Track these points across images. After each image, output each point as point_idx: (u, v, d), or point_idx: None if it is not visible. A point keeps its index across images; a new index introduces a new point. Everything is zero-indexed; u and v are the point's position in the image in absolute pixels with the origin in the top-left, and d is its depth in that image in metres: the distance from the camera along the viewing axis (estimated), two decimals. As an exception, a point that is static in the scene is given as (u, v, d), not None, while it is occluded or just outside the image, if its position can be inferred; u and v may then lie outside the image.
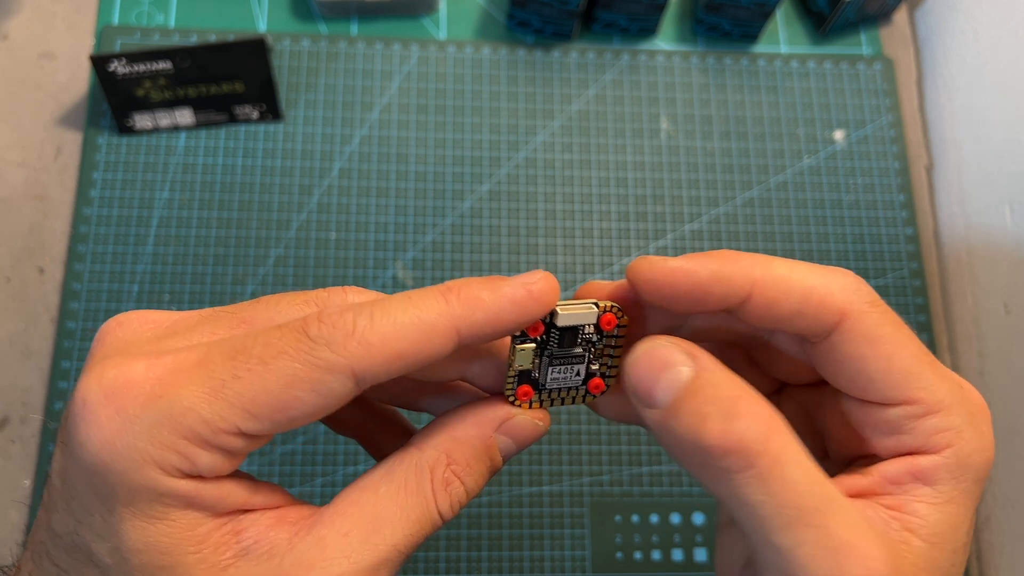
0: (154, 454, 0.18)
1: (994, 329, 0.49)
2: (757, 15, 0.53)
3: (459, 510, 0.21)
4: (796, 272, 0.20)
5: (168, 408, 0.18)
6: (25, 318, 0.48)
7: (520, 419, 0.22)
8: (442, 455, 0.21)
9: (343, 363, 0.18)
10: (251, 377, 0.18)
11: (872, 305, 0.20)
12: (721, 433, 0.18)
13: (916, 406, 0.20)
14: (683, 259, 0.20)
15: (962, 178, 0.53)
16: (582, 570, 0.46)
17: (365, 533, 0.19)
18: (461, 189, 0.51)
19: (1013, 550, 0.47)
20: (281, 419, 0.18)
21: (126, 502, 0.18)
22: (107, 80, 0.48)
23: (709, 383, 0.19)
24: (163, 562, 0.18)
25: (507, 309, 0.19)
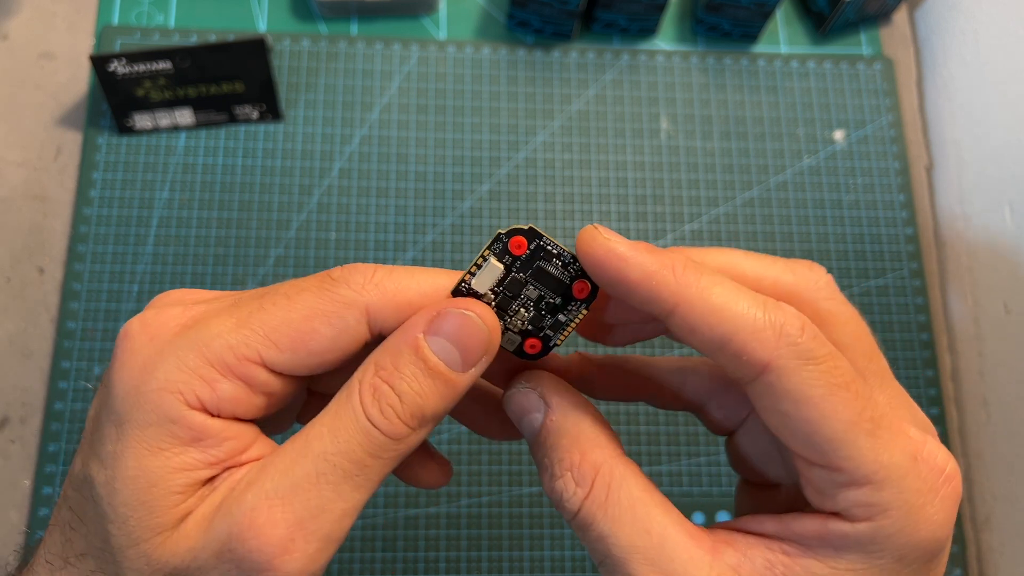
0: (179, 377, 0.19)
1: (994, 329, 0.49)
2: (757, 15, 0.53)
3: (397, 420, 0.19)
4: (731, 306, 0.18)
5: (196, 335, 0.19)
6: (25, 318, 0.48)
7: (446, 311, 0.20)
8: (369, 365, 0.20)
9: (359, 300, 0.20)
10: (275, 309, 0.20)
11: (806, 361, 0.18)
12: (549, 490, 0.20)
13: (839, 474, 0.18)
14: (627, 246, 0.19)
15: (962, 178, 0.53)
16: (582, 570, 0.46)
17: (296, 450, 0.19)
18: (461, 189, 0.51)
19: (1013, 550, 0.47)
20: (301, 350, 0.19)
21: (138, 425, 0.19)
22: (107, 80, 0.48)
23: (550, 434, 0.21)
24: (145, 496, 0.18)
25: None
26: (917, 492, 0.18)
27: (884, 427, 0.18)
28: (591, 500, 0.20)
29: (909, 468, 0.18)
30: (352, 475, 0.19)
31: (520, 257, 0.21)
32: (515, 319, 0.22)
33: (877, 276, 0.52)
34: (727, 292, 0.19)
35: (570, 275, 0.22)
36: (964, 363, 0.51)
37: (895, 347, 0.51)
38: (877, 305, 0.51)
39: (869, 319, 0.51)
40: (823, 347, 0.18)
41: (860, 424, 0.18)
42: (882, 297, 0.51)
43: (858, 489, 0.18)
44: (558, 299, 0.22)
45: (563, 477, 0.20)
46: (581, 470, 0.20)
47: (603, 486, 0.20)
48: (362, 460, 0.19)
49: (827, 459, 0.18)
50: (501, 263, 0.21)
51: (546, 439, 0.21)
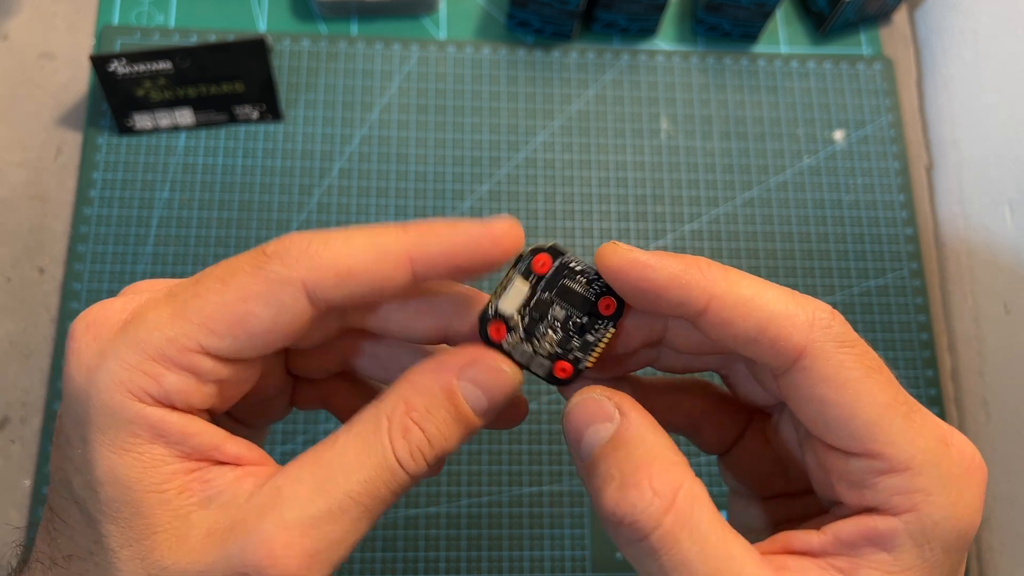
0: (123, 376, 0.18)
1: (994, 329, 0.49)
2: (757, 15, 0.53)
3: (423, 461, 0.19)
4: (762, 296, 0.19)
5: (136, 331, 0.19)
6: (25, 318, 0.48)
7: (482, 363, 0.20)
8: (400, 402, 0.20)
9: (293, 276, 0.19)
10: (209, 295, 0.19)
11: (841, 344, 0.18)
12: (616, 501, 0.18)
13: (878, 461, 0.18)
14: (649, 255, 0.19)
15: (962, 178, 0.53)
16: (582, 570, 0.46)
17: (319, 480, 0.19)
18: (461, 189, 0.51)
19: (1013, 550, 0.47)
20: (240, 334, 0.19)
21: (98, 429, 0.18)
22: (107, 80, 0.48)
23: (625, 443, 0.19)
24: (126, 497, 0.18)
25: (463, 242, 0.19)
26: (954, 477, 0.18)
27: (916, 411, 0.18)
28: (674, 516, 0.17)
29: (944, 453, 0.18)
30: (370, 510, 0.19)
31: (544, 276, 0.21)
32: (544, 342, 0.21)
33: (877, 276, 0.52)
34: (755, 284, 0.19)
35: (595, 292, 0.21)
36: (964, 363, 0.51)
37: (895, 347, 0.51)
38: (877, 305, 0.51)
39: (869, 319, 0.51)
40: (852, 333, 0.19)
41: (896, 407, 0.18)
42: (882, 297, 0.51)
43: (898, 475, 0.18)
44: (585, 318, 0.21)
45: (639, 486, 0.18)
46: (662, 481, 0.18)
47: (687, 502, 0.18)
48: (383, 497, 0.19)
49: (866, 444, 0.18)
50: (527, 283, 0.21)
51: (618, 448, 0.19)
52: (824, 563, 0.18)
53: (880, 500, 0.18)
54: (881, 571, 0.18)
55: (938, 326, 0.52)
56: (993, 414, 0.49)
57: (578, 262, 0.21)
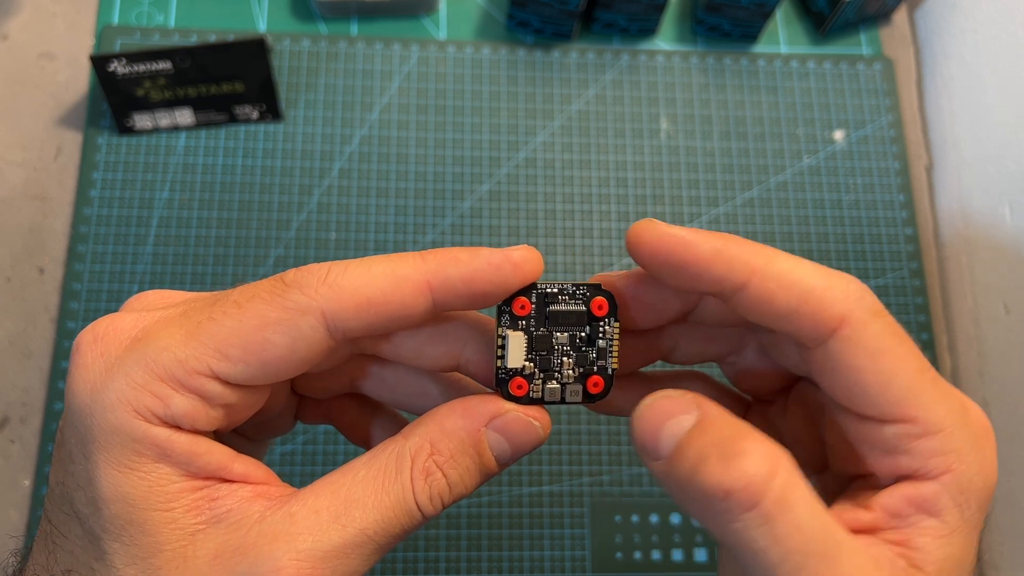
0: (129, 395, 0.18)
1: (994, 329, 0.49)
2: (757, 15, 0.53)
3: (441, 506, 0.20)
4: (799, 269, 0.19)
5: (145, 349, 0.18)
6: (25, 318, 0.48)
7: (513, 415, 0.20)
8: (426, 443, 0.20)
9: (313, 305, 0.18)
10: (224, 319, 0.18)
11: (875, 315, 0.19)
12: (721, 473, 0.17)
13: (914, 425, 0.19)
14: (687, 230, 0.19)
15: (962, 178, 0.53)
16: (582, 570, 0.46)
17: (335, 513, 0.18)
18: (461, 189, 0.51)
19: (1013, 550, 0.47)
20: (254, 361, 0.18)
21: (102, 447, 0.18)
22: (107, 80, 0.48)
23: (711, 426, 0.18)
24: (132, 516, 0.18)
25: (482, 269, 0.19)
26: (977, 438, 0.19)
27: (939, 377, 0.19)
28: (783, 480, 0.17)
29: (966, 416, 0.19)
30: (383, 548, 0.19)
31: (530, 315, 0.21)
32: (564, 371, 0.21)
33: (877, 276, 0.52)
34: (791, 259, 0.19)
35: (582, 300, 0.21)
36: (964, 363, 0.51)
37: (895, 347, 0.51)
38: (877, 305, 0.51)
39: (869, 319, 0.51)
40: (881, 304, 0.19)
41: (926, 373, 0.19)
42: (882, 297, 0.51)
43: (933, 438, 0.18)
44: (586, 328, 0.21)
45: (743, 454, 0.17)
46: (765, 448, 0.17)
47: (789, 468, 0.17)
48: (397, 535, 0.19)
49: (902, 410, 0.19)
50: (519, 331, 0.21)
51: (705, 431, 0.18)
52: (876, 539, 0.19)
53: (917, 464, 0.19)
54: (932, 537, 0.18)
55: (938, 326, 0.52)
56: (993, 414, 0.49)
57: (550, 284, 0.21)
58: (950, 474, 0.18)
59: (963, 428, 0.19)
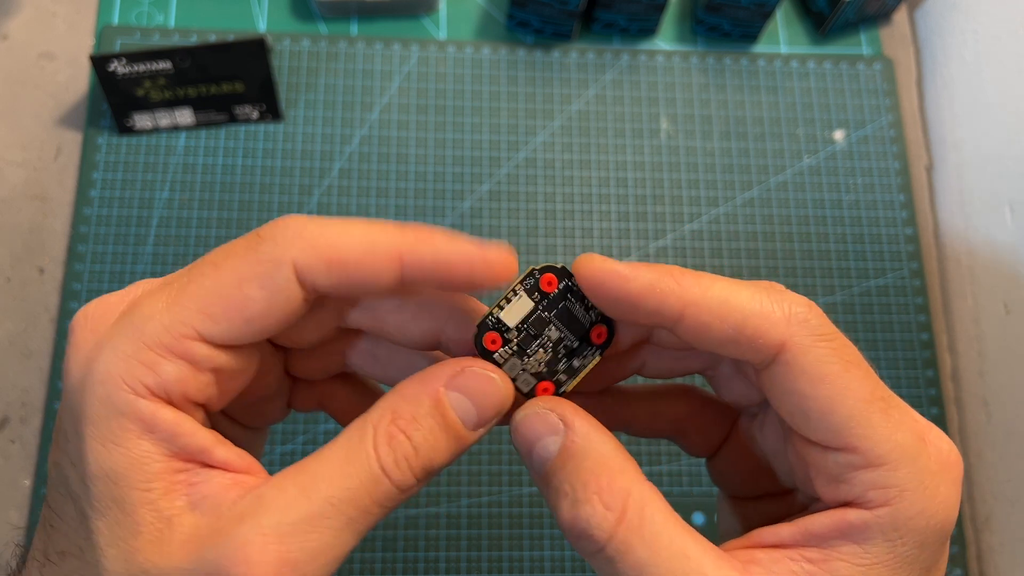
0: (119, 366, 0.18)
1: (994, 329, 0.49)
2: (757, 15, 0.53)
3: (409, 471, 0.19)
4: (735, 296, 0.19)
5: (130, 320, 0.19)
6: (25, 318, 0.48)
7: (470, 371, 0.20)
8: (387, 411, 0.19)
9: (285, 256, 0.19)
10: (203, 279, 0.19)
11: (819, 338, 0.19)
12: (571, 516, 0.18)
13: (855, 455, 0.18)
14: (623, 265, 0.20)
15: (962, 178, 0.53)
16: (582, 570, 0.46)
17: (301, 488, 0.18)
18: (461, 189, 0.51)
19: (1013, 550, 0.47)
20: (236, 318, 0.19)
21: (90, 422, 0.18)
22: (107, 80, 0.48)
23: (572, 457, 0.19)
24: (115, 494, 0.18)
25: (455, 256, 0.19)
26: (930, 473, 0.18)
27: (894, 406, 0.19)
28: (626, 526, 0.18)
29: (920, 449, 0.18)
30: (354, 522, 0.18)
31: (549, 295, 0.21)
32: (532, 360, 0.22)
33: (877, 276, 0.52)
34: (728, 286, 0.19)
35: (591, 319, 0.22)
36: (964, 363, 0.51)
37: (895, 347, 0.51)
38: (877, 305, 0.51)
39: (869, 319, 0.51)
40: (830, 326, 0.19)
41: (874, 402, 0.18)
42: (882, 297, 0.51)
43: (874, 471, 0.18)
44: (576, 342, 0.22)
45: (590, 502, 0.18)
46: (611, 493, 0.18)
47: (636, 510, 0.18)
48: (367, 508, 0.19)
49: (843, 439, 0.18)
50: (531, 300, 0.21)
51: (566, 463, 0.19)
52: (795, 554, 0.19)
53: (856, 494, 0.18)
54: (851, 563, 0.18)
55: (938, 326, 0.52)
56: (993, 414, 0.49)
57: None
58: (886, 508, 0.18)
59: (911, 463, 0.18)
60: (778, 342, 0.19)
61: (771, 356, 0.19)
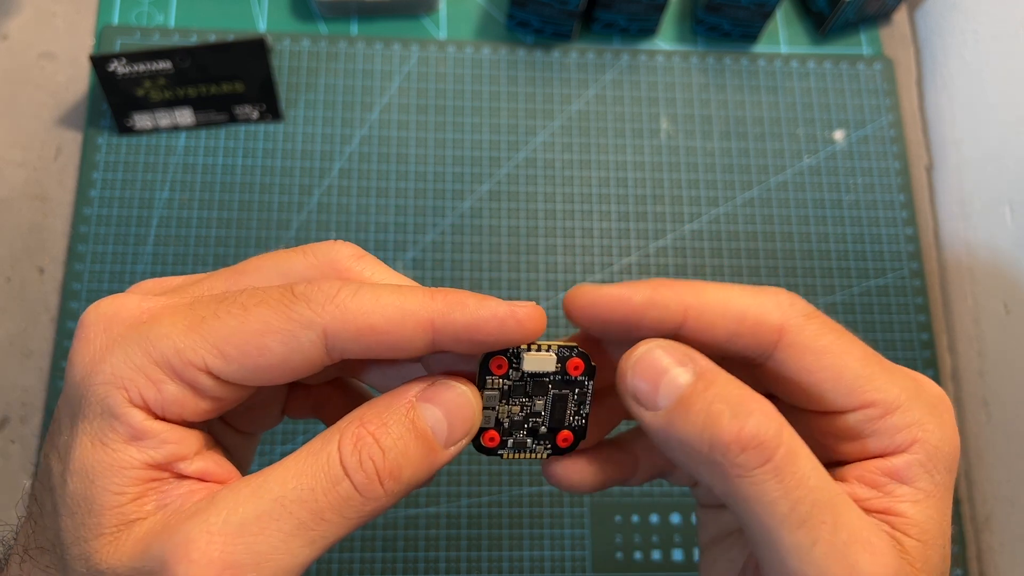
0: (124, 373, 0.18)
1: (994, 329, 0.49)
2: (757, 15, 0.53)
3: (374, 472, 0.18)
4: (729, 296, 0.20)
5: (147, 332, 0.19)
6: (25, 318, 0.48)
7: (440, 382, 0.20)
8: (355, 419, 0.19)
9: (316, 321, 0.19)
10: (228, 318, 0.19)
11: (808, 317, 0.20)
12: (737, 429, 0.18)
13: (873, 408, 0.20)
14: (617, 287, 0.20)
15: (962, 178, 0.53)
16: (582, 570, 0.46)
17: (253, 488, 0.18)
18: (461, 189, 0.51)
19: (1013, 550, 0.47)
20: (248, 364, 0.19)
21: (85, 418, 0.18)
22: (107, 80, 0.48)
23: (714, 383, 0.19)
24: (87, 492, 0.18)
25: (487, 320, 0.19)
26: (934, 407, 0.20)
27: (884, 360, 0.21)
28: (790, 435, 0.18)
29: (919, 388, 0.20)
30: (306, 527, 0.18)
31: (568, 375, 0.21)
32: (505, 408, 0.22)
33: (877, 276, 0.52)
34: (719, 287, 0.21)
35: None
36: (964, 363, 0.51)
37: (895, 347, 0.51)
38: (877, 305, 0.51)
39: (869, 319, 0.51)
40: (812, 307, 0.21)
41: (870, 360, 0.20)
42: (882, 297, 0.51)
43: (893, 416, 0.20)
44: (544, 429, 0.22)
45: (754, 413, 0.18)
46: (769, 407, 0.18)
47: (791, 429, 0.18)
48: (321, 512, 0.18)
49: (858, 397, 0.20)
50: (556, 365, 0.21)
51: (709, 386, 0.19)
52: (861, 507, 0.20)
53: (885, 443, 0.20)
54: (909, 503, 0.19)
55: (938, 326, 0.52)
56: (993, 414, 0.49)
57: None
58: (916, 444, 0.20)
59: (919, 400, 0.20)
60: (778, 325, 0.20)
61: (773, 342, 0.20)
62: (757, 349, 0.20)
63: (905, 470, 0.20)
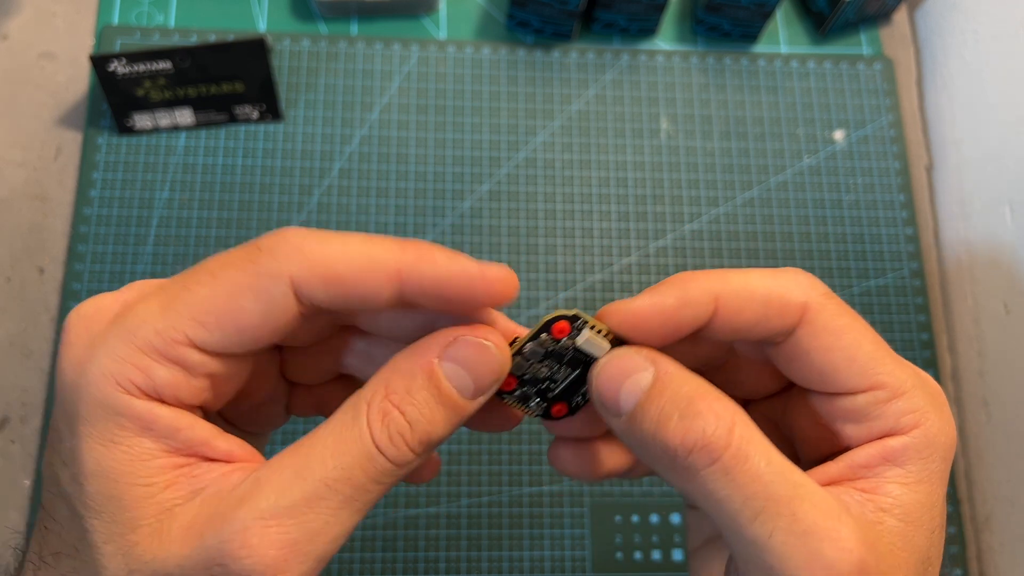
0: (112, 368, 0.18)
1: (994, 329, 0.49)
2: (757, 15, 0.53)
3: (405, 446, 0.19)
4: (752, 279, 0.21)
5: (124, 323, 0.19)
6: (25, 318, 0.48)
7: (462, 339, 0.20)
8: (380, 387, 0.19)
9: (283, 271, 0.19)
10: (198, 288, 0.19)
11: (827, 297, 0.21)
12: (682, 431, 0.18)
13: (882, 391, 0.20)
14: (646, 296, 0.21)
15: (962, 178, 0.53)
16: (582, 570, 0.46)
17: (297, 469, 0.18)
18: (461, 189, 0.51)
19: (1013, 550, 0.47)
20: (229, 328, 0.19)
21: (86, 421, 0.18)
22: (107, 80, 0.48)
23: (669, 385, 0.19)
24: (112, 491, 0.18)
25: (455, 276, 0.19)
26: (935, 398, 0.21)
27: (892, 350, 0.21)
28: (739, 435, 0.18)
29: (921, 379, 0.21)
30: (351, 500, 0.18)
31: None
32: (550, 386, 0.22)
33: (877, 276, 0.52)
34: (739, 273, 0.21)
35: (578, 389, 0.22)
36: (964, 363, 0.51)
37: (895, 347, 0.50)
38: (877, 305, 0.51)
39: (869, 319, 0.51)
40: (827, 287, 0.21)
41: (882, 345, 0.21)
42: (882, 297, 0.51)
43: (900, 400, 0.20)
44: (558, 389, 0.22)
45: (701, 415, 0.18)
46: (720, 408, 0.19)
47: (745, 424, 0.19)
48: (364, 486, 0.18)
49: (869, 379, 0.20)
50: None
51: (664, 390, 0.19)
52: (848, 487, 0.20)
53: (890, 425, 0.20)
54: (898, 483, 0.20)
55: (938, 326, 0.52)
56: (993, 414, 0.49)
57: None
58: (918, 429, 0.20)
59: (923, 390, 0.21)
60: (801, 304, 0.20)
61: (795, 322, 0.21)
62: (781, 327, 0.21)
63: (900, 452, 0.20)
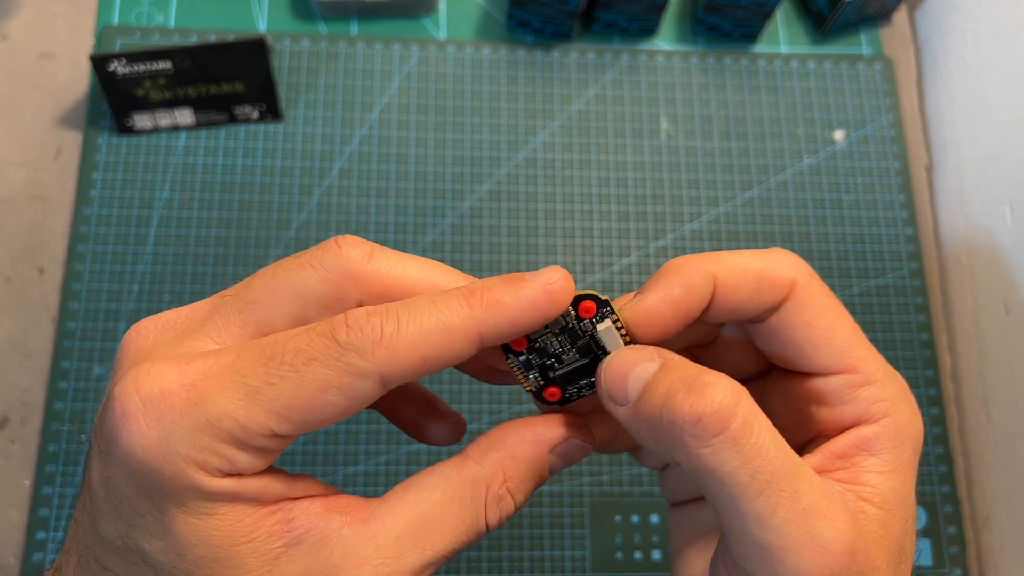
0: (196, 457, 0.18)
1: (994, 329, 0.49)
2: (757, 15, 0.53)
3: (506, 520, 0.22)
4: (743, 259, 0.22)
5: (205, 414, 0.18)
6: (25, 318, 0.48)
7: (575, 443, 0.22)
8: (499, 471, 0.21)
9: (372, 368, 0.19)
10: (283, 384, 0.19)
11: (812, 275, 0.22)
12: (691, 401, 0.19)
13: (855, 375, 0.21)
14: (652, 292, 0.21)
15: (962, 178, 0.53)
16: (582, 570, 0.46)
17: (415, 536, 0.20)
18: (461, 189, 0.51)
19: (1013, 550, 0.47)
20: (312, 420, 0.19)
21: (176, 502, 0.19)
22: (107, 80, 0.48)
23: (674, 367, 0.20)
24: (217, 554, 0.19)
25: (527, 311, 0.20)
26: (903, 390, 0.22)
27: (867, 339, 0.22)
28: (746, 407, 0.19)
29: (892, 372, 0.22)
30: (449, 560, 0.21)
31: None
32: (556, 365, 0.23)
33: (877, 276, 0.52)
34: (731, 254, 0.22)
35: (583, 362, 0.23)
36: (964, 363, 0.51)
37: (895, 347, 0.51)
38: (877, 305, 0.51)
39: (869, 319, 0.51)
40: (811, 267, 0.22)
41: (859, 332, 0.22)
42: (882, 297, 0.51)
43: (872, 387, 0.21)
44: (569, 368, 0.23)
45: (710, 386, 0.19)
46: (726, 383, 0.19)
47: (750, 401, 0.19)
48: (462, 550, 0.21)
49: (845, 361, 0.21)
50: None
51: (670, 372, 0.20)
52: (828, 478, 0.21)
53: (861, 411, 0.21)
54: (875, 473, 0.21)
55: (938, 326, 0.52)
56: (993, 414, 0.49)
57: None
58: (888, 418, 0.21)
59: (894, 380, 0.22)
60: (790, 279, 0.22)
61: (785, 296, 0.22)
62: (772, 303, 0.22)
63: (873, 441, 0.21)
